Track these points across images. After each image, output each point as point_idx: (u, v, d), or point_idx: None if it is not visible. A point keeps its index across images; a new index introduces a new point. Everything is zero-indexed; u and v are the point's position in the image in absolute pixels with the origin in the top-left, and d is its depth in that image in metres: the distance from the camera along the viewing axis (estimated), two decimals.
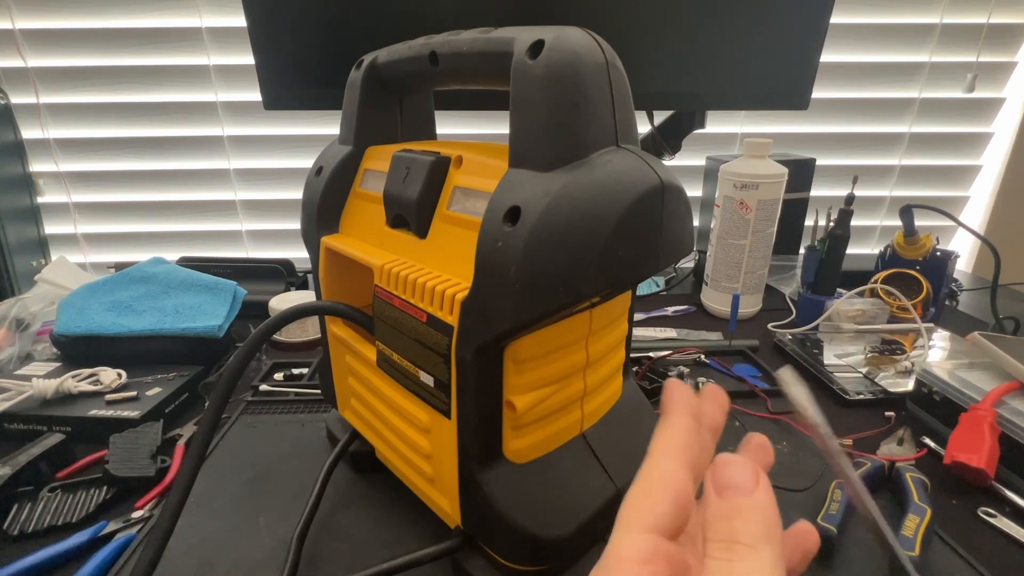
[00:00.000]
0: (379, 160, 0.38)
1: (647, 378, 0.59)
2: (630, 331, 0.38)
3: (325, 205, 0.40)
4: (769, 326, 0.74)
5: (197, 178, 1.09)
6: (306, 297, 0.74)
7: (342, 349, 0.42)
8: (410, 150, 0.35)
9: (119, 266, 0.77)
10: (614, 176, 0.26)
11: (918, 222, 0.75)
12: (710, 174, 0.99)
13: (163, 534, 0.29)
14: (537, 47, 0.27)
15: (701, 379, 0.59)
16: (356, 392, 0.42)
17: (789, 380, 0.19)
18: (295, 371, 0.62)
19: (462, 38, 0.32)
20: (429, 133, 0.45)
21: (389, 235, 0.36)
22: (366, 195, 0.39)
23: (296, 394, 0.57)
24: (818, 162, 0.94)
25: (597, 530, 0.35)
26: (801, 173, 0.92)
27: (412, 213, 0.33)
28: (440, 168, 0.32)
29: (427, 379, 0.32)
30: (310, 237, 0.42)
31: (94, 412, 0.50)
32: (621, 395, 0.38)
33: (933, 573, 0.36)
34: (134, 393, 0.53)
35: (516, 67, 0.27)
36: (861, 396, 0.57)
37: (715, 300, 0.79)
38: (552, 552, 0.31)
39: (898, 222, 0.77)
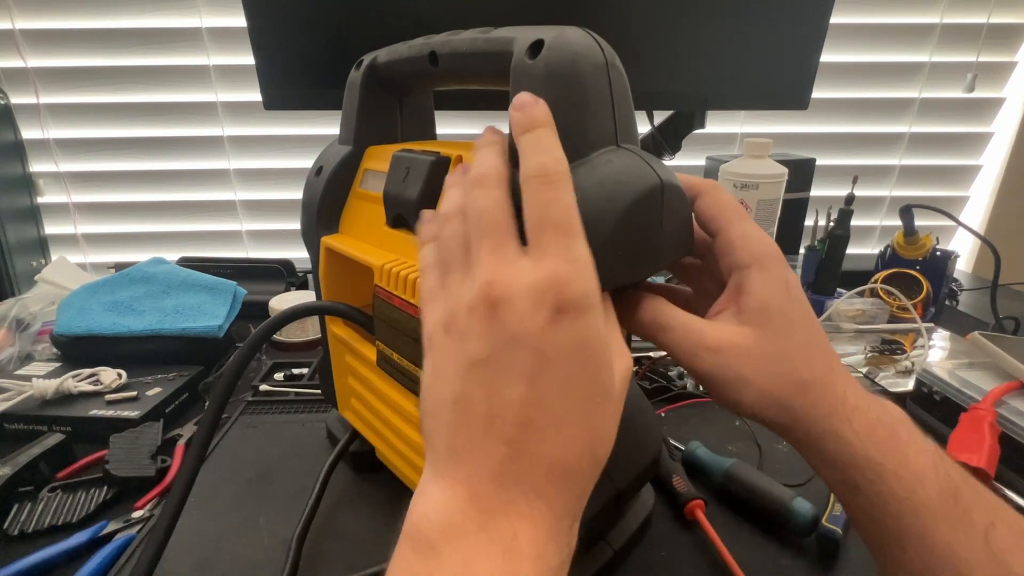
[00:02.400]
0: (379, 160, 0.38)
1: (647, 378, 0.59)
2: None
3: (325, 205, 0.40)
4: None
5: (197, 178, 1.09)
6: (306, 297, 0.74)
7: (342, 349, 0.42)
8: (410, 150, 0.35)
9: (119, 266, 0.77)
10: (614, 176, 0.26)
11: (918, 222, 0.75)
12: (710, 174, 0.99)
13: (163, 534, 0.29)
14: (537, 47, 0.26)
15: None
16: (356, 392, 0.42)
17: None
18: (295, 371, 0.62)
19: (462, 38, 0.32)
20: (429, 133, 0.45)
21: (389, 235, 0.36)
22: (366, 195, 0.39)
23: (296, 394, 0.57)
24: (818, 162, 0.94)
25: (596, 530, 0.35)
26: (801, 173, 0.92)
27: (412, 213, 0.33)
28: (440, 168, 0.32)
29: None
30: (310, 237, 0.42)
31: (94, 412, 0.50)
32: None
33: None
34: (134, 393, 0.53)
35: (516, 67, 0.27)
36: None
37: None
38: None
39: (898, 222, 0.77)
